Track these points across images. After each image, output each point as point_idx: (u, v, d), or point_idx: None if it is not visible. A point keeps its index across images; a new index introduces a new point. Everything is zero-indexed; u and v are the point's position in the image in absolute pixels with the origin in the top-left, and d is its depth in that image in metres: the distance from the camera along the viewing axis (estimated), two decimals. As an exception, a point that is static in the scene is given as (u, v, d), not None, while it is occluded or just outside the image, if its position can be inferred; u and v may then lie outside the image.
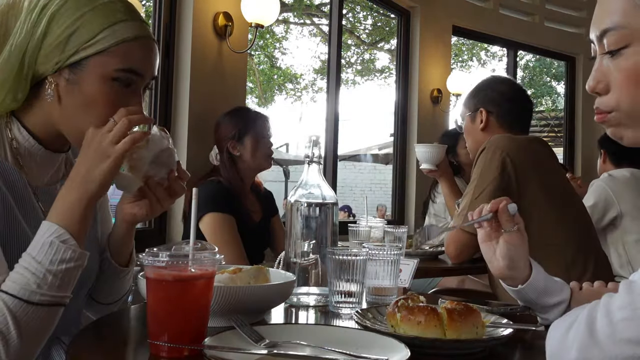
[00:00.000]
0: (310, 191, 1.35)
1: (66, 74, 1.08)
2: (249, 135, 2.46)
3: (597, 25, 0.85)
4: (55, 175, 1.20)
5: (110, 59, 1.07)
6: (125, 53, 1.08)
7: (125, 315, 1.20)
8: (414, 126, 4.55)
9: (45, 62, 1.07)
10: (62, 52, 1.06)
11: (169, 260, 0.88)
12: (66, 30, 1.06)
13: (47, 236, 0.97)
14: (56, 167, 1.20)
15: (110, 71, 1.07)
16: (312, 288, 1.33)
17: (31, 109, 1.12)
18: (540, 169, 1.98)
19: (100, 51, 1.06)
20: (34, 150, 1.13)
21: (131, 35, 1.09)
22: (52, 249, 0.97)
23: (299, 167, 10.86)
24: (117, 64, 1.07)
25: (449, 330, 0.95)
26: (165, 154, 1.12)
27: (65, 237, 0.98)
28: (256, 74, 13.36)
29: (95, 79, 1.07)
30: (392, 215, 4.59)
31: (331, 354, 0.85)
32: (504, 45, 5.78)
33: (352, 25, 12.85)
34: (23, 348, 0.94)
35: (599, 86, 0.87)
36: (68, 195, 1.02)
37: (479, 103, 2.22)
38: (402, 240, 2.10)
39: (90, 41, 1.06)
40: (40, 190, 1.15)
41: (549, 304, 1.19)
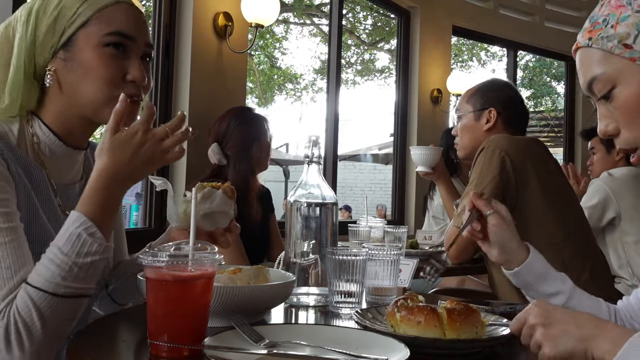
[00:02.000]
0: (310, 191, 1.35)
1: (61, 54, 1.13)
2: (263, 137, 2.50)
3: (583, 81, 0.99)
4: (75, 175, 1.23)
5: (96, 27, 1.12)
6: (108, 18, 1.13)
7: (125, 315, 1.19)
8: (414, 126, 4.55)
9: (42, 52, 1.13)
10: (52, 36, 1.12)
11: (169, 260, 0.88)
12: (51, 16, 1.12)
13: (75, 227, 0.98)
14: (76, 168, 1.22)
15: (99, 38, 1.12)
16: (312, 288, 1.33)
17: (44, 106, 1.16)
18: (539, 169, 1.98)
19: (85, 22, 1.12)
20: (55, 147, 1.16)
21: (109, 1, 1.14)
22: (79, 241, 0.97)
23: (298, 167, 10.86)
24: (103, 29, 1.12)
25: (448, 330, 0.95)
26: (220, 215, 1.16)
27: (93, 229, 0.99)
28: (256, 74, 13.36)
29: (88, 50, 1.12)
30: (392, 215, 4.60)
31: (331, 354, 0.85)
32: (504, 46, 5.78)
33: (352, 25, 12.85)
34: (46, 339, 0.97)
35: (609, 129, 0.99)
36: (100, 188, 1.02)
37: (490, 102, 2.19)
38: (402, 240, 2.10)
39: (73, 17, 1.12)
40: (60, 189, 1.18)
41: (548, 292, 1.22)
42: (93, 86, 1.12)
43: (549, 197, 1.94)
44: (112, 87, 1.12)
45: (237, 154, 2.49)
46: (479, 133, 2.19)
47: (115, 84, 1.13)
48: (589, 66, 0.98)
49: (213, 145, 2.54)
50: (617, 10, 0.95)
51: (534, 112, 11.17)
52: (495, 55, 13.37)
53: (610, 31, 0.94)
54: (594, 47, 0.96)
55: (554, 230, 1.91)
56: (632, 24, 0.92)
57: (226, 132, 2.52)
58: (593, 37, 0.97)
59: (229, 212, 1.18)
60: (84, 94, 1.12)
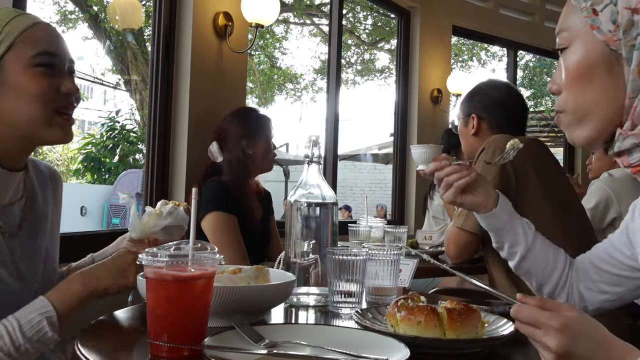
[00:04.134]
0: (310, 191, 1.35)
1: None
2: (263, 137, 2.49)
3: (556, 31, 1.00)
4: (14, 196, 1.24)
5: (22, 49, 1.15)
6: (32, 39, 1.16)
7: (125, 315, 1.20)
8: (414, 126, 4.55)
9: None
10: None
11: (169, 260, 0.88)
12: None
13: (40, 312, 1.08)
14: (13, 188, 1.23)
15: (27, 59, 1.15)
16: (312, 288, 1.33)
17: None
18: (539, 170, 1.98)
19: (10, 46, 1.14)
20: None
21: (29, 22, 1.17)
22: (37, 326, 1.06)
23: (299, 167, 10.86)
24: (29, 50, 1.15)
25: (448, 330, 0.95)
26: (177, 229, 1.33)
27: (54, 320, 1.08)
28: (256, 74, 13.36)
29: (18, 73, 1.14)
30: (392, 215, 4.59)
31: (331, 354, 0.85)
32: (504, 45, 5.78)
33: (352, 25, 12.85)
34: None
35: (553, 87, 0.99)
36: (74, 284, 1.14)
37: (472, 109, 2.25)
38: (402, 240, 2.10)
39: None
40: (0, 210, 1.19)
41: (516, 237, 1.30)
42: (30, 106, 1.14)
43: (549, 197, 1.94)
44: (49, 102, 1.16)
45: (231, 151, 2.49)
46: (469, 138, 2.26)
47: (51, 99, 1.17)
48: (563, 18, 0.98)
49: (213, 143, 2.54)
50: None
51: (534, 112, 11.15)
52: (495, 55, 13.37)
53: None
54: (572, 2, 0.96)
55: (554, 229, 1.91)
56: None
57: (223, 130, 2.52)
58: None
59: (185, 227, 1.34)
60: (22, 115, 1.15)
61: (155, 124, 2.84)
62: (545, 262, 1.31)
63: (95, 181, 10.79)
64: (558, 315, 0.79)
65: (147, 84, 9.76)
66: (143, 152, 9.73)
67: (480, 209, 1.31)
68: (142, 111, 10.61)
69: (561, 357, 0.78)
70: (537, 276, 1.32)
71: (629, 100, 0.89)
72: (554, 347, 0.78)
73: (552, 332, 0.78)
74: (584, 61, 0.93)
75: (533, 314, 0.81)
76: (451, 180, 1.27)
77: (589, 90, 0.93)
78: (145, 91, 9.99)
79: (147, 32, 9.59)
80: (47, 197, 1.33)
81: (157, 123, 2.83)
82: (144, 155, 3.12)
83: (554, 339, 0.78)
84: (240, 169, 2.45)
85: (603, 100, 0.92)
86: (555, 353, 0.78)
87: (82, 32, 10.45)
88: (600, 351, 0.78)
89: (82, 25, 10.90)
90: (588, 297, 1.27)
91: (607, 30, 0.89)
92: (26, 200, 1.25)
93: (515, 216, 1.32)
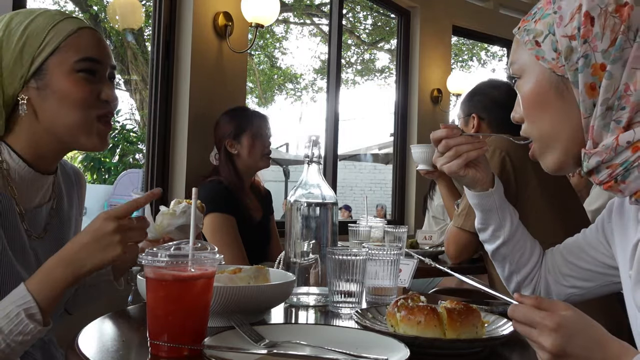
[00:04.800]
0: (310, 191, 1.35)
1: (33, 83, 1.14)
2: (246, 134, 2.47)
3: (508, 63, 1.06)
4: (42, 198, 1.23)
5: (66, 54, 1.15)
6: (77, 44, 1.16)
7: (125, 315, 1.20)
8: (414, 126, 4.55)
9: (11, 83, 1.13)
10: (21, 66, 1.13)
11: (169, 260, 0.88)
12: (17, 46, 1.13)
13: (18, 304, 0.98)
14: (44, 191, 1.23)
15: (70, 64, 1.15)
16: (312, 288, 1.33)
17: (14, 133, 1.17)
18: (539, 169, 1.97)
19: (54, 50, 1.14)
20: (24, 173, 1.17)
21: (74, 27, 1.17)
22: (16, 319, 0.98)
23: (299, 167, 10.86)
24: (73, 56, 1.15)
25: (448, 330, 0.95)
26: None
27: (34, 311, 0.99)
28: (256, 73, 13.35)
29: (60, 77, 1.14)
30: (392, 215, 4.59)
31: (331, 353, 0.85)
32: (503, 45, 5.78)
33: (352, 25, 12.85)
34: None
35: (516, 116, 1.05)
36: (55, 270, 1.02)
37: (472, 108, 2.26)
38: (402, 240, 2.10)
39: (41, 46, 1.14)
40: (27, 213, 1.18)
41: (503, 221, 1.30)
42: (71, 111, 1.15)
43: (548, 197, 1.94)
44: (89, 108, 1.16)
45: (219, 153, 2.50)
46: None
47: (91, 105, 1.17)
48: (512, 52, 1.04)
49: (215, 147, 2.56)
50: (545, 7, 0.98)
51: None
52: (496, 55, 13.37)
53: (532, 25, 0.98)
54: (517, 37, 1.01)
55: (554, 229, 1.91)
56: (547, 23, 0.96)
57: (225, 131, 2.52)
58: (521, 27, 1.01)
59: (199, 225, 1.32)
60: (62, 120, 1.15)
61: (155, 123, 2.84)
62: (522, 251, 1.32)
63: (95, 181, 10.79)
64: (553, 314, 0.80)
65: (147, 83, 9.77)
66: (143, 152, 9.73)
67: (477, 186, 1.28)
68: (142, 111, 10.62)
69: (556, 356, 0.78)
70: (511, 264, 1.33)
71: (584, 119, 0.93)
72: (548, 347, 0.78)
73: (546, 332, 0.79)
74: (536, 89, 0.98)
75: (528, 314, 0.81)
76: (462, 150, 1.21)
77: (546, 116, 0.98)
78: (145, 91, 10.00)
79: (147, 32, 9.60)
80: (72, 201, 1.33)
81: (157, 123, 2.84)
82: (144, 155, 3.12)
83: (549, 339, 0.78)
84: (231, 169, 2.45)
85: (562, 124, 0.97)
86: (550, 352, 0.78)
87: (82, 32, 10.33)
88: (596, 350, 0.78)
89: (82, 25, 10.88)
90: (556, 289, 1.28)
91: (551, 58, 0.95)
92: (53, 204, 1.25)
93: (506, 201, 1.32)
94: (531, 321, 0.81)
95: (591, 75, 0.90)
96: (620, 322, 1.79)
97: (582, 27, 0.91)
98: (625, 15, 0.89)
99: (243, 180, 2.50)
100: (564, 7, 0.94)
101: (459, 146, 1.21)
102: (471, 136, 1.24)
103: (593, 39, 0.90)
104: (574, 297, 1.26)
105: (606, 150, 0.89)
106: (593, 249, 1.21)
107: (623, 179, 0.89)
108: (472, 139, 1.23)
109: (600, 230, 1.19)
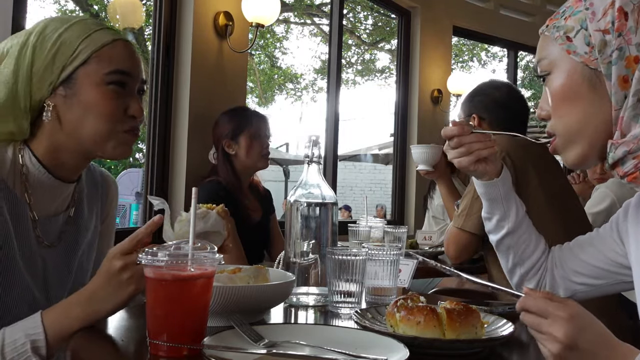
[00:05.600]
0: (310, 191, 1.35)
1: (61, 91, 1.13)
2: (244, 135, 2.47)
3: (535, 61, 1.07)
4: (60, 206, 1.22)
5: (97, 65, 1.14)
6: (109, 56, 1.15)
7: (125, 315, 1.19)
8: (414, 126, 4.55)
9: (40, 88, 1.13)
10: (51, 73, 1.12)
11: (169, 259, 0.88)
12: (49, 53, 1.12)
13: (27, 334, 0.97)
14: (62, 199, 1.22)
15: (100, 76, 1.14)
16: (312, 288, 1.33)
17: (37, 137, 1.16)
18: (539, 170, 1.98)
19: (85, 60, 1.13)
20: (43, 179, 1.16)
21: (109, 39, 1.15)
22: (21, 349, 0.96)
23: (298, 167, 10.86)
24: (104, 68, 1.14)
25: (448, 330, 0.95)
26: (213, 235, 1.22)
27: (40, 344, 0.97)
28: (256, 73, 13.35)
29: (89, 87, 1.13)
30: (392, 216, 4.59)
31: (330, 354, 0.85)
32: (504, 46, 5.78)
33: (352, 25, 12.85)
34: None
35: (542, 113, 1.05)
36: (75, 307, 1.01)
37: (473, 109, 2.26)
38: (402, 240, 2.10)
39: (73, 54, 1.13)
40: (41, 220, 1.17)
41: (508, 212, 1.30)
42: (96, 123, 1.14)
43: (549, 197, 1.94)
44: (115, 122, 1.16)
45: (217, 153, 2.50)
46: None
47: (118, 120, 1.16)
48: (540, 49, 1.06)
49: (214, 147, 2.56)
50: (575, 4, 1.00)
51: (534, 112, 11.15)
52: (496, 55, 13.38)
53: (562, 22, 1.01)
54: (546, 34, 1.04)
55: (554, 229, 1.91)
56: (578, 19, 0.98)
57: (223, 131, 2.52)
58: (549, 25, 1.04)
59: (222, 232, 1.23)
60: (87, 131, 1.14)
61: (155, 123, 2.84)
62: (527, 243, 1.33)
63: (96, 180, 10.77)
64: (566, 305, 0.81)
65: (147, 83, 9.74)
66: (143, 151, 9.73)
67: (484, 177, 1.30)
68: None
69: (567, 347, 0.79)
70: (515, 255, 1.33)
71: (615, 112, 0.94)
72: (561, 336, 0.79)
73: (560, 322, 0.79)
74: (568, 83, 0.99)
75: (541, 304, 0.82)
76: (474, 148, 1.23)
77: (576, 110, 0.99)
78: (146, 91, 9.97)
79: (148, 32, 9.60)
80: (92, 210, 1.31)
81: (157, 122, 2.84)
82: (144, 155, 3.12)
83: (562, 328, 0.79)
84: (228, 170, 2.45)
85: (591, 116, 0.97)
86: (561, 343, 0.79)
87: (82, 31, 10.33)
88: (603, 347, 0.79)
89: (82, 25, 10.88)
90: (563, 285, 1.29)
91: (584, 52, 0.97)
92: (71, 212, 1.24)
93: (512, 192, 1.33)
94: (544, 311, 0.81)
95: (625, 68, 0.92)
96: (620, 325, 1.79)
97: (616, 21, 0.93)
98: None
99: (241, 180, 2.50)
100: (596, 4, 0.96)
101: (471, 144, 1.23)
102: (482, 133, 1.25)
103: (627, 32, 0.92)
104: (580, 293, 1.27)
105: (634, 140, 0.91)
106: (606, 247, 1.21)
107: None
108: (483, 137, 1.24)
109: (614, 229, 1.20)
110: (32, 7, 2.76)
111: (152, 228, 1.05)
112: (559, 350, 0.79)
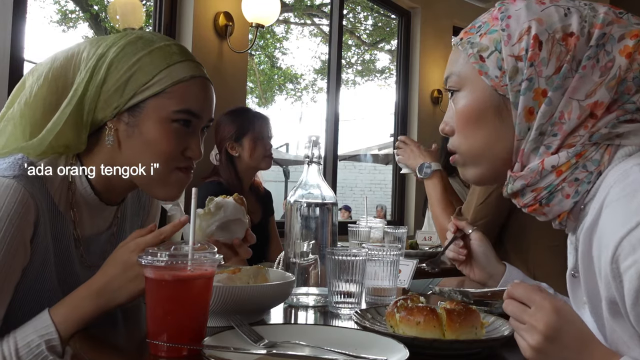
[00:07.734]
0: (310, 191, 1.35)
1: (125, 117, 1.09)
2: (248, 136, 2.47)
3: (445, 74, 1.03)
4: (102, 225, 1.20)
5: (168, 101, 1.08)
6: (182, 94, 1.09)
7: (125, 315, 1.19)
8: (414, 126, 4.55)
9: (105, 108, 1.08)
10: (120, 97, 1.08)
11: (168, 260, 0.88)
12: (124, 75, 1.07)
13: (40, 334, 0.96)
14: (105, 217, 1.20)
15: (168, 113, 1.09)
16: (312, 288, 1.33)
17: (94, 155, 1.13)
18: None
19: (158, 93, 1.08)
20: (89, 200, 1.14)
21: (187, 75, 1.10)
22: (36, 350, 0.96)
23: (298, 167, 10.86)
24: (174, 105, 1.09)
25: (448, 330, 0.95)
26: (234, 223, 1.20)
27: (55, 343, 0.97)
28: (256, 74, 13.35)
29: (154, 121, 1.08)
30: (391, 216, 4.60)
31: (330, 354, 0.85)
32: (504, 46, 5.77)
33: (352, 26, 12.85)
34: None
35: (446, 128, 1.03)
36: (84, 301, 0.99)
37: None
38: (402, 240, 2.10)
39: (147, 83, 1.08)
40: (85, 240, 1.15)
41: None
42: (152, 158, 1.09)
43: None
44: (171, 161, 1.11)
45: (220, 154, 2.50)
46: None
47: (174, 159, 1.11)
48: (451, 63, 1.02)
49: (216, 147, 2.56)
50: (492, 22, 0.96)
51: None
52: (496, 56, 13.35)
53: (477, 39, 0.96)
54: (460, 48, 0.99)
55: (555, 231, 1.90)
56: (494, 39, 0.93)
57: (226, 132, 2.52)
58: (464, 38, 0.99)
59: (244, 219, 1.21)
60: (141, 163, 1.10)
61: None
62: None
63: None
64: (554, 298, 0.80)
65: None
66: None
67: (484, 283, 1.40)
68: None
69: (547, 339, 0.78)
70: None
71: (517, 142, 0.92)
72: (542, 327, 0.78)
73: (543, 311, 0.79)
74: (474, 105, 0.96)
75: (529, 292, 0.82)
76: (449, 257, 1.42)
77: (480, 133, 0.96)
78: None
79: (148, 32, 9.58)
80: (134, 228, 1.28)
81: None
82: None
83: (545, 317, 0.78)
84: (231, 171, 2.45)
85: (495, 142, 0.95)
86: (541, 333, 0.78)
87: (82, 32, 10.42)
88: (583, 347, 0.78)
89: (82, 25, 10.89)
90: None
91: (494, 76, 0.92)
92: (114, 230, 1.22)
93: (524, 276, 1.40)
94: (529, 299, 0.81)
95: (532, 99, 0.89)
96: None
97: (530, 49, 0.89)
98: (571, 45, 0.88)
99: (242, 181, 2.50)
100: (513, 26, 0.92)
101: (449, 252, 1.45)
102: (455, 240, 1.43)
103: (539, 63, 0.89)
104: None
105: (531, 173, 0.90)
106: None
107: (547, 202, 0.90)
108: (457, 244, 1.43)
109: None
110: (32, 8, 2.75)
111: (178, 228, 1.03)
112: (538, 342, 0.78)
